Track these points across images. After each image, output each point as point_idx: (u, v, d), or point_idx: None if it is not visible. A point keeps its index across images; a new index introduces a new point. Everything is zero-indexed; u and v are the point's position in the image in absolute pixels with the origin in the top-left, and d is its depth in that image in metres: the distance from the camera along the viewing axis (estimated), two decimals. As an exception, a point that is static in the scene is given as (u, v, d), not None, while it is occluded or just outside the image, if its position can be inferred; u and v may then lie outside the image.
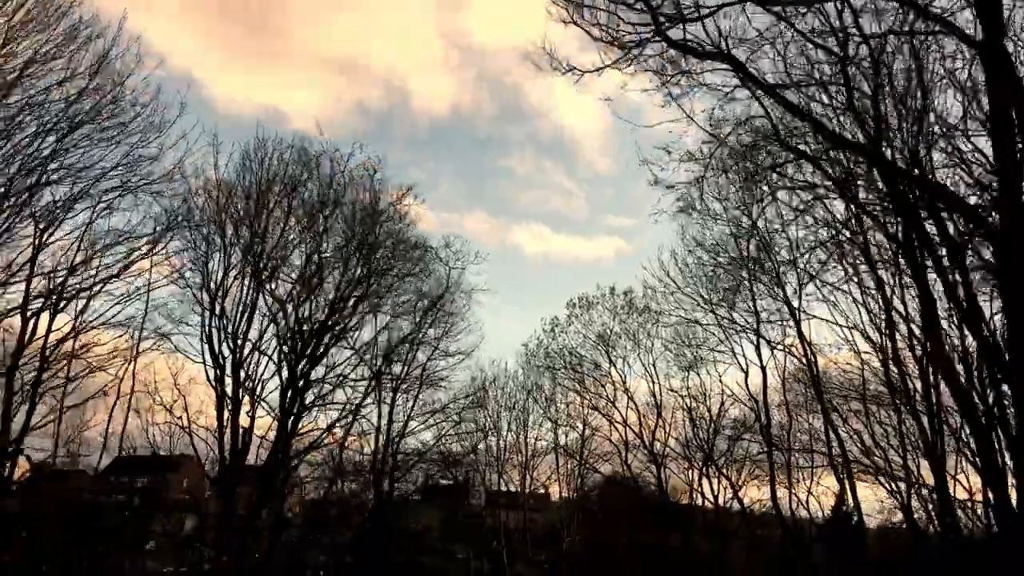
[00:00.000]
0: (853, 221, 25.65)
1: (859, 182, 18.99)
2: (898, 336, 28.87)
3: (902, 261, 22.40)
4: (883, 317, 28.98)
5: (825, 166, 18.34)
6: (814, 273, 30.14)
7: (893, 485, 33.26)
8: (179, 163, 30.99)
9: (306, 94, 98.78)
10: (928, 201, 15.52)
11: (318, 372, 36.37)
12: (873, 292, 30.84)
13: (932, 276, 19.19)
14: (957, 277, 16.74)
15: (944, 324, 22.60)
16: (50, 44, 27.04)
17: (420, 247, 36.39)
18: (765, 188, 25.99)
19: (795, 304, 33.70)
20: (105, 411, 38.73)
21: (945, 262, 16.39)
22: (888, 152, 16.31)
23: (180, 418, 37.21)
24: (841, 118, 19.08)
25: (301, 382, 36.09)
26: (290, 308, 33.58)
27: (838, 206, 25.80)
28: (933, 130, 16.03)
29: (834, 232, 25.52)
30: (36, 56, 27.04)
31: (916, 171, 15.08)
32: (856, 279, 30.87)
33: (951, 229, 16.34)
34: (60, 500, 42.20)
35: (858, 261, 29.07)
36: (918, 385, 29.64)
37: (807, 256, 29.83)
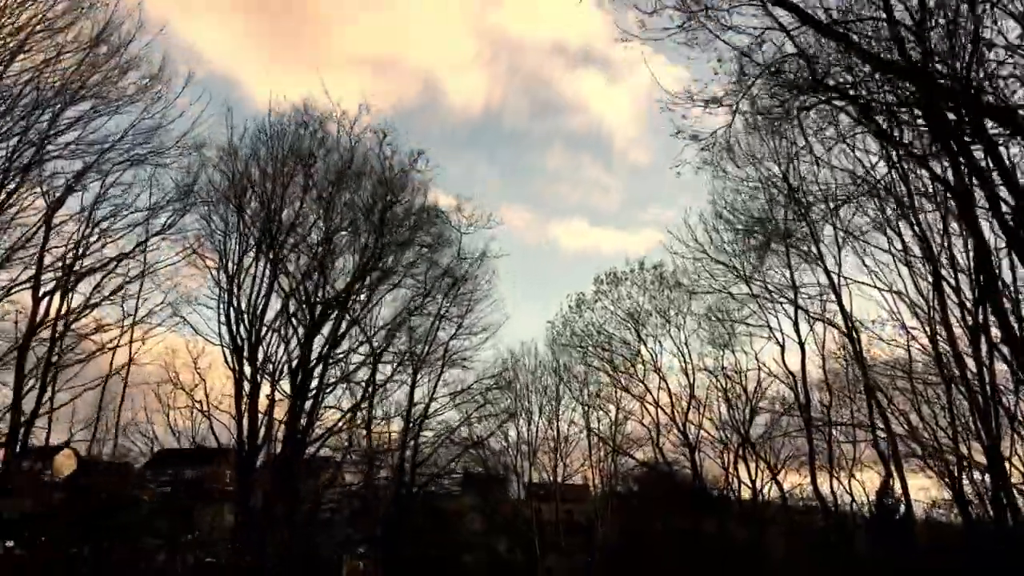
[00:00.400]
0: (893, 172, 23.69)
1: (902, 123, 17.12)
2: (949, 302, 26.86)
3: (951, 205, 20.46)
4: (929, 279, 26.97)
5: (863, 103, 16.55)
6: (852, 231, 28.14)
7: (943, 468, 31.30)
8: (187, 132, 30.24)
9: (343, 93, 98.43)
10: (986, 135, 13.75)
11: (336, 355, 35.36)
12: (918, 255, 28.99)
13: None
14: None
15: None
16: (51, 13, 26.35)
17: (430, 211, 34.67)
18: (799, 140, 24.04)
19: (833, 269, 31.74)
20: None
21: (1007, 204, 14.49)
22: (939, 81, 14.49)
23: (200, 402, 36.61)
24: (883, 55, 17.28)
25: (319, 363, 35.00)
26: (307, 286, 32.43)
27: (877, 159, 23.92)
28: (989, 55, 14.18)
29: (872, 183, 23.44)
30: (37, 26, 26.33)
31: (972, 92, 13.26)
32: (898, 232, 28.98)
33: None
34: (105, 494, 42.13)
35: (899, 213, 27.15)
36: (970, 364, 27.85)
37: (843, 209, 27.87)
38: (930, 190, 25.92)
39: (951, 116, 14.11)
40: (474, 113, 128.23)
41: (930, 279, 29.23)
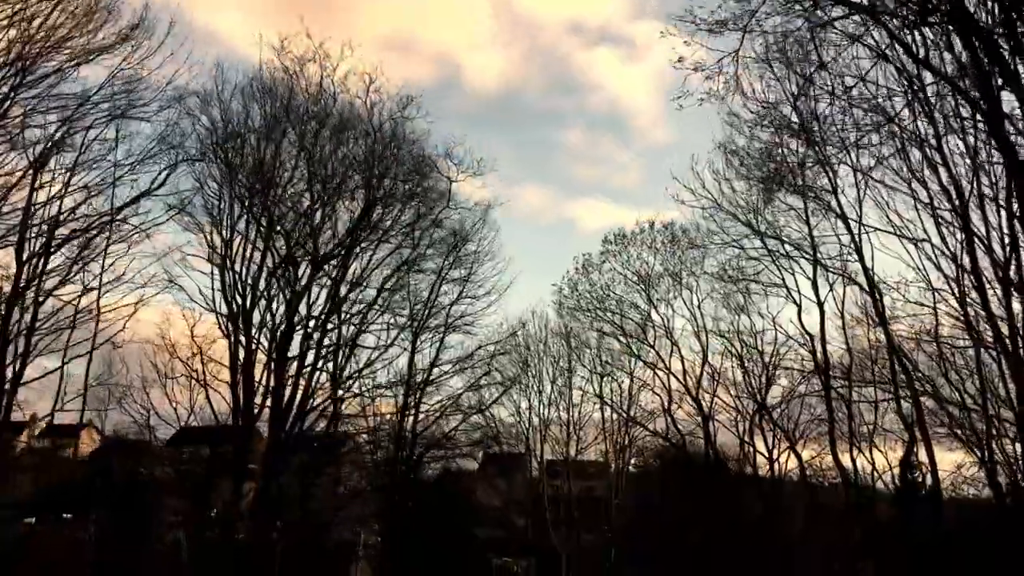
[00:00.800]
0: (916, 107, 21.76)
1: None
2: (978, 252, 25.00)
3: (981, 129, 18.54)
4: (959, 233, 25.11)
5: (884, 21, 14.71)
6: (872, 174, 26.21)
7: (971, 435, 29.44)
8: (170, 81, 28.86)
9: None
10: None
11: (333, 319, 33.98)
12: (946, 207, 27.07)
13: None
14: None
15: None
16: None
17: (419, 159, 32.67)
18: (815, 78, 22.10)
19: (852, 217, 29.75)
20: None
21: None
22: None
23: (196, 371, 35.50)
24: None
25: (316, 329, 33.70)
26: (301, 246, 30.98)
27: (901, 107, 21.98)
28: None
29: (892, 116, 21.51)
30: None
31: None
32: (923, 183, 27.00)
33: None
34: (129, 472, 42.20)
35: (925, 161, 25.26)
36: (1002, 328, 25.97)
37: (864, 159, 25.93)
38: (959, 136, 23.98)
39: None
40: (491, 93, 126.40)
41: (959, 234, 27.40)
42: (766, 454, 37.45)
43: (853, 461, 32.46)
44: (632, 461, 46.79)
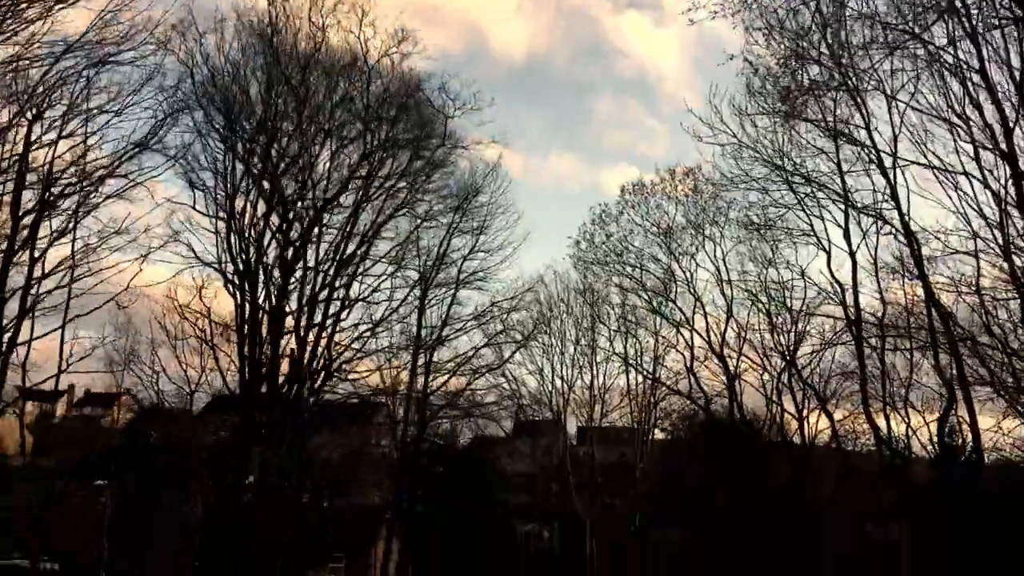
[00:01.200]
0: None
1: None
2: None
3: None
4: (1004, 161, 22.94)
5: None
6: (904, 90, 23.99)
7: (1015, 395, 27.32)
8: (158, 24, 27.50)
9: (384, 42, 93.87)
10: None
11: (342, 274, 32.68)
12: (989, 147, 24.85)
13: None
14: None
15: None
16: None
17: (410, 91, 30.50)
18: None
19: (885, 149, 27.51)
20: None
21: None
22: None
23: (204, 332, 34.75)
24: None
25: (323, 288, 32.54)
26: (298, 196, 29.62)
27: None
28: None
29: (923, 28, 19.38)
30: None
31: None
32: (965, 120, 24.76)
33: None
34: (166, 440, 41.88)
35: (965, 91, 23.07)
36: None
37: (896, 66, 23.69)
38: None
39: None
40: (519, 60, 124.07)
41: (1004, 173, 25.19)
42: (795, 415, 35.55)
43: (887, 418, 30.44)
44: (658, 425, 45.06)
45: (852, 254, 30.64)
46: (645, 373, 42.53)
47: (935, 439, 29.83)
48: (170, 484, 38.87)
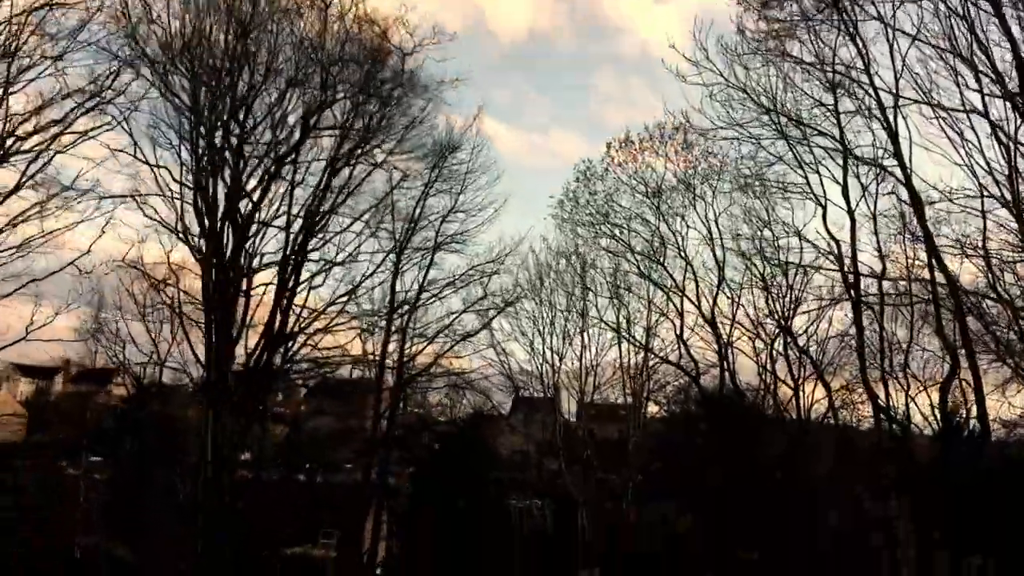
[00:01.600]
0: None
1: None
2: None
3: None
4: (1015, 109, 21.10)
5: None
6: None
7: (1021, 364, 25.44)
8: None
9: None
10: None
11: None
12: (997, 94, 22.94)
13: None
14: None
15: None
16: None
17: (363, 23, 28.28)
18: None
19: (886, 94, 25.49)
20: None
21: None
22: None
23: (173, 299, 33.37)
24: None
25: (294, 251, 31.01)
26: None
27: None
28: None
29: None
30: None
31: None
32: (972, 64, 22.83)
33: None
34: (163, 418, 41.87)
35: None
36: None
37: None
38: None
39: None
40: (520, 39, 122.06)
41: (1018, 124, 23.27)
42: (791, 384, 33.62)
43: (885, 386, 28.51)
44: (652, 398, 43.35)
45: (851, 212, 28.65)
46: (635, 342, 40.79)
47: (936, 409, 27.92)
48: (163, 463, 38.24)
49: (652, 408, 44.05)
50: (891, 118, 25.45)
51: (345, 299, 32.31)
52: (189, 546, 29.16)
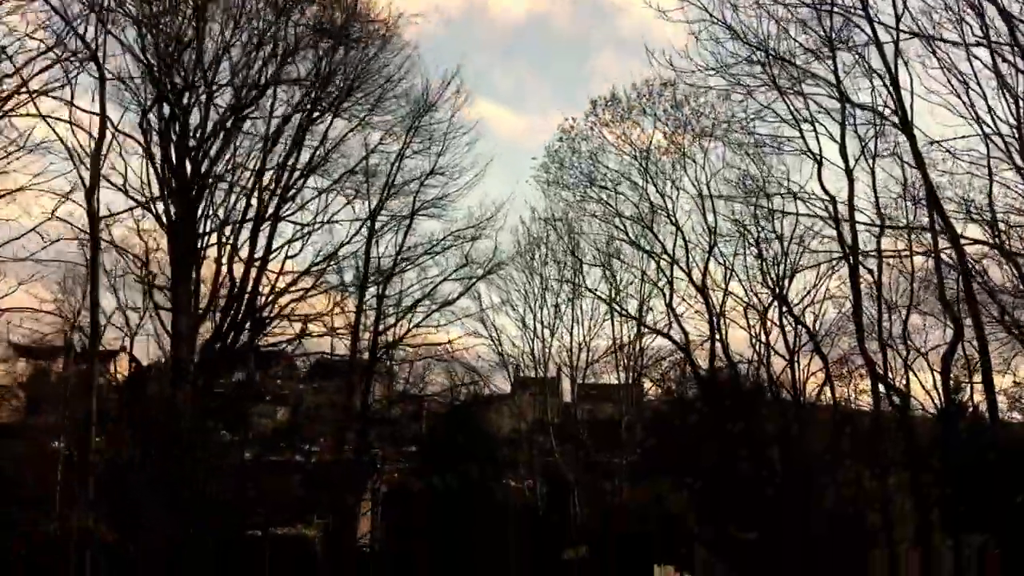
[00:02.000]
0: None
1: None
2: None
3: None
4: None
5: None
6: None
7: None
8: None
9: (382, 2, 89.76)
10: None
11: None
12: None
13: None
14: None
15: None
16: None
17: None
18: None
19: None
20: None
21: None
22: None
23: (143, 269, 31.97)
24: None
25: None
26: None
27: None
28: None
29: None
30: None
31: None
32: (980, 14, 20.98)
33: None
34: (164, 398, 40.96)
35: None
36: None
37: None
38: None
39: None
40: (518, 21, 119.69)
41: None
42: (785, 356, 31.87)
43: (884, 356, 26.71)
44: (646, 375, 41.74)
45: (849, 172, 26.71)
46: (626, 312, 39.24)
47: (938, 385, 26.26)
48: (159, 445, 37.25)
49: (647, 385, 42.48)
50: (891, 62, 23.54)
51: (320, 268, 30.76)
52: (175, 532, 28.06)
